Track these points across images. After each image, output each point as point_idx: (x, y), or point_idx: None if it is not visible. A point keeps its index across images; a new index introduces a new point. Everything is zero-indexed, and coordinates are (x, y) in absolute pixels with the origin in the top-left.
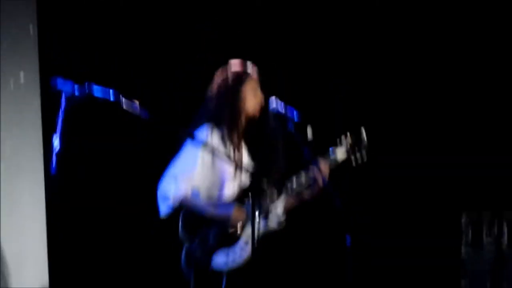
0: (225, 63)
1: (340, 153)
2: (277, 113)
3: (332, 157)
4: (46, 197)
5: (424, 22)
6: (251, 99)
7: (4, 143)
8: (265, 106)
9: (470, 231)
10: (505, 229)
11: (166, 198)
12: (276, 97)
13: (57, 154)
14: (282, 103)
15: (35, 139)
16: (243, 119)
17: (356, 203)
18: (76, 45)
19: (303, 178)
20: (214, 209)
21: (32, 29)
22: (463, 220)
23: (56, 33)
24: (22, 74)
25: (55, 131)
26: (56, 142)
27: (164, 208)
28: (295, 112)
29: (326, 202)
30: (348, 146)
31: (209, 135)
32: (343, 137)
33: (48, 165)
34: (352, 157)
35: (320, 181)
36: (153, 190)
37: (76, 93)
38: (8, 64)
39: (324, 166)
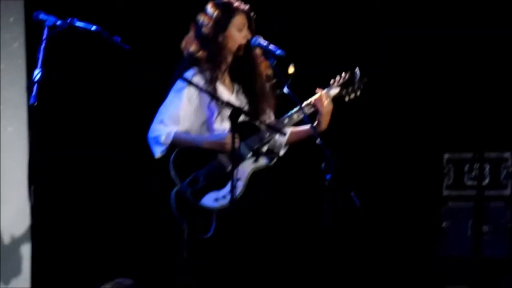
0: None
1: (333, 90)
2: (259, 46)
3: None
4: (28, 129)
5: None
6: (237, 35)
7: None
8: (248, 42)
9: (452, 172)
10: (487, 169)
11: (157, 140)
12: (259, 36)
13: (37, 83)
14: (266, 41)
15: (18, 69)
16: (229, 57)
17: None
18: None
19: (293, 115)
20: (206, 138)
21: None
22: (444, 160)
23: None
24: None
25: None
26: (37, 71)
27: (157, 149)
28: (278, 49)
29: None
30: (342, 83)
31: (195, 75)
32: (338, 76)
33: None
34: (345, 94)
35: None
36: (134, 120)
37: (58, 23)
38: None
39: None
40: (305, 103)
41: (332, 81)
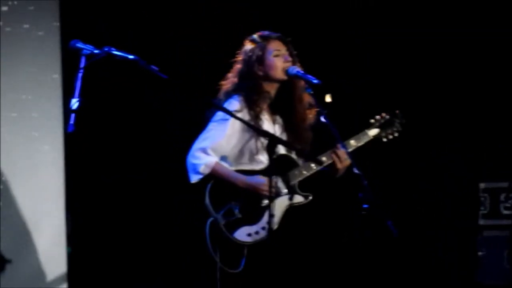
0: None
1: (372, 132)
2: (296, 75)
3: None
4: (64, 156)
5: None
6: (276, 61)
7: (24, 103)
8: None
9: (487, 200)
10: None
11: (195, 168)
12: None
13: (75, 111)
14: (302, 71)
15: (55, 98)
16: (272, 89)
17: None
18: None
19: (324, 157)
20: (244, 179)
21: None
22: (480, 190)
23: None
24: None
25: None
26: (74, 100)
27: (194, 177)
28: (315, 79)
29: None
30: (382, 124)
31: (238, 106)
32: (378, 116)
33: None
34: (384, 135)
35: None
36: (171, 149)
37: (96, 52)
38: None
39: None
40: (325, 155)
41: (372, 120)
